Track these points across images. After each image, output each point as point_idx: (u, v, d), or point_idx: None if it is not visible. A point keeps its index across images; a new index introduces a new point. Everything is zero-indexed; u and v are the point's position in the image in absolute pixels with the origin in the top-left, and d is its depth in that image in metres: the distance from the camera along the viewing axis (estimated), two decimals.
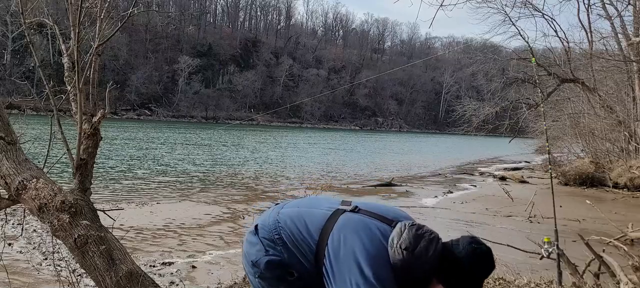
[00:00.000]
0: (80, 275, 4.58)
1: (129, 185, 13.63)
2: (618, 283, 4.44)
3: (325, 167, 23.06)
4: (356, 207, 1.95)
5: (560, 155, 22.49)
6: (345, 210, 1.94)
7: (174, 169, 18.02)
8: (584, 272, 4.95)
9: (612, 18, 16.84)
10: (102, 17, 3.23)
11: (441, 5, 7.01)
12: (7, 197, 3.12)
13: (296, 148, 34.98)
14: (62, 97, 3.41)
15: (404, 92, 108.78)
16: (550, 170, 5.73)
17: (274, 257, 1.93)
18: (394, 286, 1.76)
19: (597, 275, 4.89)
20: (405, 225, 1.82)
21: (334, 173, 20.14)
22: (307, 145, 38.52)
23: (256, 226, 2.03)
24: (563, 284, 4.60)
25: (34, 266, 5.89)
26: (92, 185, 3.27)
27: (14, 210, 4.09)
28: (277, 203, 2.18)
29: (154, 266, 6.39)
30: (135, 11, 3.46)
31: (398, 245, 1.75)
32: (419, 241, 1.75)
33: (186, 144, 30.76)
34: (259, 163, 22.52)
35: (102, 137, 3.34)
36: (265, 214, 2.10)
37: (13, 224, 7.14)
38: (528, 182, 18.95)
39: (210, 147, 29.75)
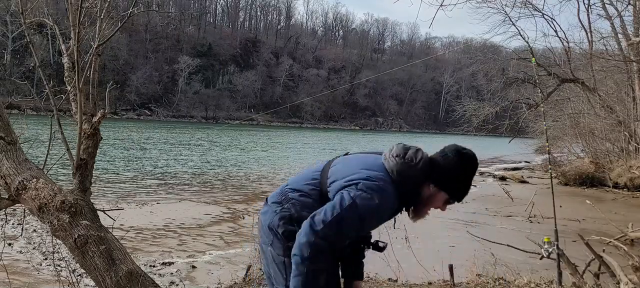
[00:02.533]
0: (80, 275, 4.58)
1: (129, 185, 13.63)
2: (618, 283, 4.44)
3: None
4: (347, 152, 2.20)
5: (560, 155, 22.48)
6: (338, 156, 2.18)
7: (173, 169, 18.02)
8: (584, 272, 4.95)
9: (612, 18, 16.84)
10: (102, 17, 3.23)
11: (441, 5, 7.01)
12: (7, 197, 3.12)
13: (296, 148, 34.98)
14: (62, 97, 3.41)
15: (404, 92, 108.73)
16: (550, 170, 5.74)
17: (284, 212, 2.05)
18: (390, 185, 1.92)
19: (597, 275, 4.89)
20: (394, 144, 2.05)
21: None
22: (307, 145, 38.51)
23: (266, 199, 2.19)
24: (563, 284, 4.60)
25: (34, 266, 5.89)
26: (91, 185, 3.27)
27: (14, 210, 4.09)
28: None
29: (154, 266, 6.39)
30: (135, 11, 3.46)
31: (391, 155, 1.97)
32: (407, 150, 1.98)
33: (186, 145, 30.76)
34: (258, 163, 22.53)
35: (102, 137, 3.34)
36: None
37: (13, 224, 7.14)
38: (528, 182, 18.94)
39: (210, 148, 29.75)
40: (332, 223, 1.83)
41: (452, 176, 1.98)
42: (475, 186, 18.01)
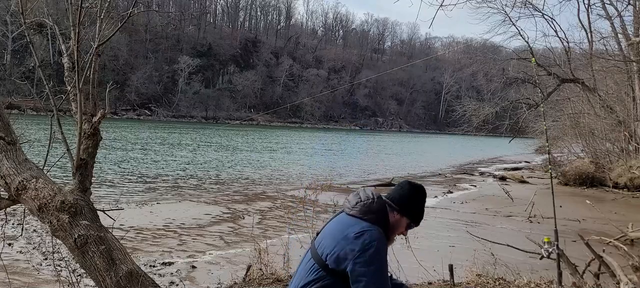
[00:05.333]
0: (80, 275, 4.57)
1: (129, 185, 13.63)
2: (618, 283, 4.44)
3: (325, 167, 23.06)
4: (317, 233, 2.40)
5: (560, 155, 22.49)
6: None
7: (174, 170, 18.02)
8: (584, 272, 4.96)
9: (612, 18, 16.86)
10: (102, 17, 3.23)
11: (441, 5, 7.01)
12: (7, 197, 3.12)
13: (296, 148, 35.00)
14: (62, 97, 3.41)
15: (404, 92, 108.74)
16: (550, 170, 5.75)
17: None
18: (369, 225, 2.23)
19: (597, 275, 4.89)
20: (346, 199, 2.37)
21: (334, 173, 20.14)
22: (308, 146, 38.53)
23: None
24: (563, 284, 4.60)
25: (34, 266, 5.89)
26: (91, 185, 3.27)
27: (14, 210, 4.09)
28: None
29: (154, 266, 6.39)
30: (135, 11, 3.46)
31: (353, 208, 2.29)
32: (359, 195, 2.32)
33: (186, 145, 30.77)
34: (259, 163, 22.53)
35: (102, 137, 3.35)
36: None
37: (13, 224, 7.14)
38: (528, 182, 18.94)
39: (209, 148, 29.77)
40: None
41: (412, 203, 2.37)
42: (475, 186, 18.06)
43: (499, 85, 20.83)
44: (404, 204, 2.35)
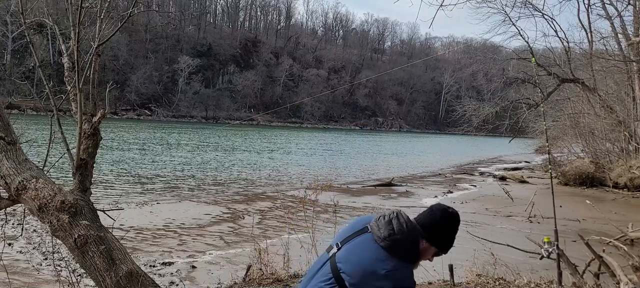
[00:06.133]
0: (80, 275, 4.58)
1: (129, 185, 13.63)
2: (618, 283, 4.45)
3: (325, 167, 23.06)
4: (338, 244, 2.23)
5: (560, 155, 22.49)
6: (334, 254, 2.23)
7: (173, 170, 18.02)
8: (584, 272, 4.96)
9: (612, 18, 16.86)
10: (102, 17, 3.23)
11: (441, 5, 7.02)
12: (7, 197, 3.12)
13: (296, 148, 35.00)
14: (62, 97, 3.41)
15: (404, 92, 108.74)
16: (550, 170, 5.75)
17: None
18: (400, 264, 2.10)
19: (597, 275, 4.89)
20: (373, 223, 2.16)
21: (334, 174, 20.15)
22: (307, 146, 38.53)
23: None
24: (563, 284, 4.60)
25: (34, 266, 5.89)
26: (91, 185, 3.27)
27: (14, 210, 4.09)
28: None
29: (154, 266, 6.39)
30: (135, 11, 3.46)
31: (384, 240, 2.10)
32: (391, 222, 2.13)
33: (186, 145, 30.77)
34: (258, 163, 22.53)
35: (102, 137, 3.35)
36: None
37: (13, 224, 7.15)
38: (528, 182, 18.94)
39: (209, 148, 29.76)
40: None
41: (442, 232, 2.23)
42: (475, 186, 18.07)
43: (499, 85, 20.84)
44: (433, 232, 2.23)
